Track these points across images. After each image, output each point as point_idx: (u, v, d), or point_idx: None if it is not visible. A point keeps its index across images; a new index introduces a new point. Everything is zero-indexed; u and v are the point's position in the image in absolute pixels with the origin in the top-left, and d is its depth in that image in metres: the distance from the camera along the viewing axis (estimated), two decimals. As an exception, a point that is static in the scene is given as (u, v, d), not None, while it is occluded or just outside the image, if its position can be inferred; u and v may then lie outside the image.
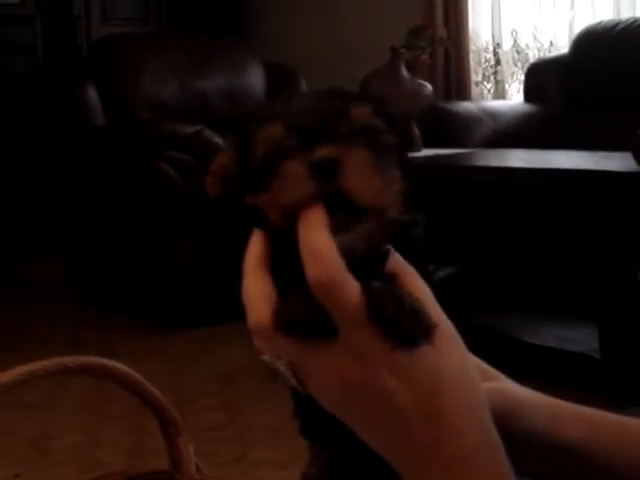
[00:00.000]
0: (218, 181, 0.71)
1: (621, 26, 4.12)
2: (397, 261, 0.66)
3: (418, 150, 3.38)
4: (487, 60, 4.83)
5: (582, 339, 3.02)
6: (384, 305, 0.61)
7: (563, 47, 4.53)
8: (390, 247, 0.66)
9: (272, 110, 0.67)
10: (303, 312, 0.62)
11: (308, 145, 0.62)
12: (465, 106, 4.20)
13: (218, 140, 3.89)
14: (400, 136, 0.69)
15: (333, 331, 0.62)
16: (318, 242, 0.61)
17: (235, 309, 3.39)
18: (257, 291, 0.65)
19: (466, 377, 0.64)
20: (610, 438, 0.76)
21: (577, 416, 0.77)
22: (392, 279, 0.64)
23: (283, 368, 0.65)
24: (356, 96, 0.68)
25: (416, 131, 3.38)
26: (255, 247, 0.67)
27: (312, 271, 0.61)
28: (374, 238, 0.64)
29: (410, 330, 0.61)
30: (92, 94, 4.36)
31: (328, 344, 0.62)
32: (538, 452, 0.74)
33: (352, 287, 0.61)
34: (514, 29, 4.74)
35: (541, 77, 4.39)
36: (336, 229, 0.62)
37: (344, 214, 0.62)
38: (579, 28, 4.38)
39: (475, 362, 0.72)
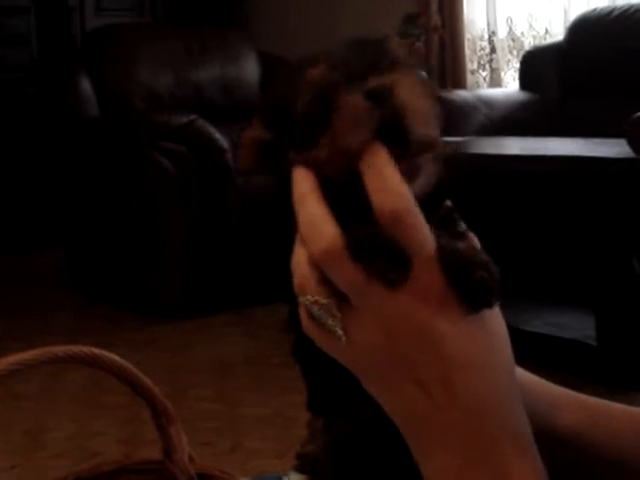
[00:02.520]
0: (252, 153, 0.67)
1: (616, 13, 4.11)
2: (463, 227, 0.66)
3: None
4: (482, 48, 4.82)
5: (578, 326, 3.02)
6: (469, 265, 0.61)
7: (558, 34, 4.52)
8: (454, 210, 0.66)
9: (307, 59, 0.65)
10: (379, 240, 0.60)
11: (355, 77, 0.61)
12: (461, 94, 4.20)
13: (212, 130, 3.89)
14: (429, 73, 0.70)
15: (404, 270, 0.60)
16: (389, 175, 0.60)
17: (230, 300, 3.40)
18: (322, 214, 0.62)
19: (508, 351, 0.64)
20: (613, 426, 0.76)
21: (574, 403, 0.76)
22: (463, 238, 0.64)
23: (324, 310, 0.63)
24: (388, 37, 0.67)
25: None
26: (304, 180, 0.63)
27: (386, 203, 0.60)
28: (432, 178, 0.64)
29: (490, 293, 0.61)
30: (86, 85, 4.35)
31: (395, 279, 0.60)
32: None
33: (422, 223, 0.61)
34: (509, 17, 4.74)
35: (536, 65, 4.39)
36: (403, 171, 0.61)
37: (405, 159, 0.61)
38: (574, 15, 4.37)
39: None
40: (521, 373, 0.76)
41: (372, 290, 0.61)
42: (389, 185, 0.60)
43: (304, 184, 0.63)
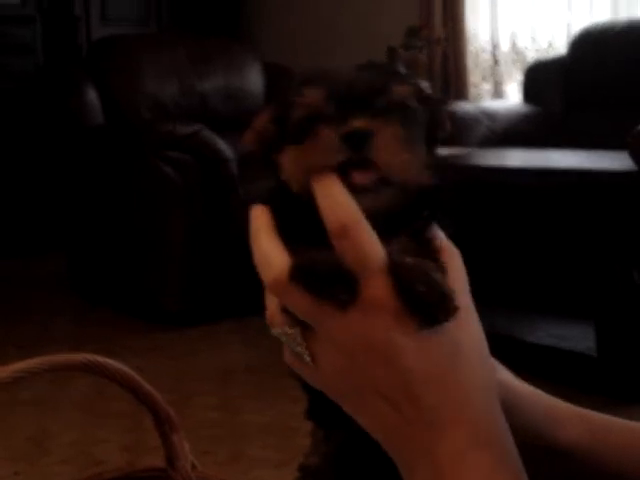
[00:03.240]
0: (257, 138, 0.72)
1: (618, 27, 4.12)
2: (441, 239, 0.67)
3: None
4: (485, 61, 4.83)
5: (579, 337, 3.03)
6: (411, 280, 0.62)
7: (561, 48, 4.53)
8: (432, 222, 0.68)
9: (314, 75, 0.69)
10: (322, 264, 0.62)
11: (344, 114, 0.64)
12: (463, 106, 4.21)
13: (217, 140, 3.90)
14: (433, 117, 0.71)
15: (351, 289, 0.62)
16: (336, 192, 0.63)
17: (233, 307, 3.40)
18: (272, 248, 0.65)
19: (482, 359, 0.65)
20: (612, 440, 0.76)
21: (574, 417, 0.77)
22: (435, 256, 0.65)
23: (294, 338, 0.65)
24: (398, 74, 0.70)
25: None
26: (261, 215, 0.67)
27: (331, 216, 0.62)
28: (392, 201, 0.65)
29: (432, 308, 0.62)
30: (91, 94, 4.37)
31: (345, 299, 0.62)
32: (530, 452, 0.73)
33: (372, 236, 0.62)
34: (512, 30, 4.75)
35: (539, 78, 4.40)
36: (356, 190, 0.63)
37: (365, 176, 0.64)
38: (577, 29, 4.38)
39: None
40: (521, 386, 0.76)
41: (324, 313, 0.63)
42: (335, 200, 0.62)
43: (258, 221, 0.67)
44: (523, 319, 3.31)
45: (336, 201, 0.62)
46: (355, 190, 0.63)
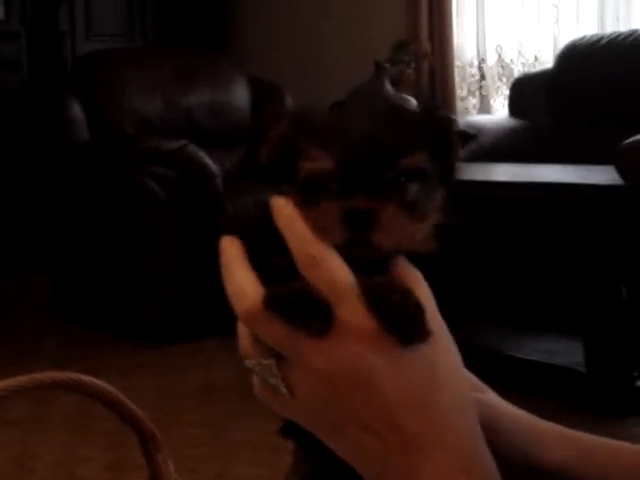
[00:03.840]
0: (271, 150, 0.69)
1: (604, 41, 4.13)
2: (403, 266, 0.65)
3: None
4: (472, 75, 4.84)
5: (568, 353, 3.03)
6: (384, 298, 0.61)
7: (548, 62, 4.54)
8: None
9: (327, 127, 0.66)
10: (296, 292, 0.62)
11: (350, 187, 0.62)
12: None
13: (202, 155, 3.89)
14: (447, 176, 0.70)
15: (326, 316, 0.62)
16: (299, 227, 0.63)
17: (219, 325, 3.37)
18: (244, 278, 0.65)
19: (459, 381, 0.64)
20: (597, 461, 0.76)
21: (560, 438, 0.76)
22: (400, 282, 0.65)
23: (269, 370, 0.64)
24: (416, 122, 0.68)
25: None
26: (231, 246, 0.67)
27: (298, 250, 0.62)
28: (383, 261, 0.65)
29: (408, 324, 0.61)
30: (76, 109, 4.36)
31: (319, 328, 0.61)
32: (514, 472, 0.73)
33: (340, 263, 0.62)
34: (499, 44, 4.76)
35: (526, 92, 4.41)
36: (353, 263, 0.63)
37: (364, 256, 0.63)
38: (564, 43, 4.39)
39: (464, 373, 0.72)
40: (506, 407, 0.76)
41: (300, 342, 0.62)
42: (301, 233, 0.62)
43: (228, 251, 0.68)
44: (511, 334, 3.30)
45: (301, 235, 0.62)
46: (352, 263, 0.63)
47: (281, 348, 0.63)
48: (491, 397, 0.76)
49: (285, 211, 0.64)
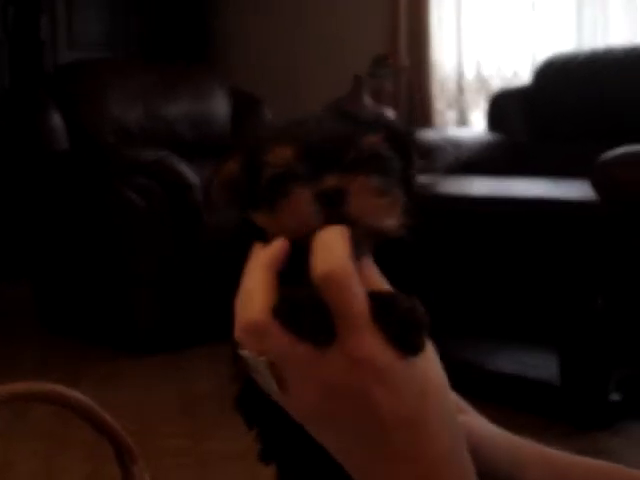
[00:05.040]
0: (225, 188, 0.72)
1: (581, 57, 4.17)
2: (369, 267, 0.67)
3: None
4: (450, 89, 4.87)
5: (542, 365, 3.03)
6: (391, 312, 0.63)
7: (526, 77, 4.58)
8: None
9: (282, 130, 0.69)
10: (305, 308, 0.63)
11: (316, 171, 0.65)
12: (428, 134, 4.23)
13: (182, 166, 3.90)
14: (406, 157, 0.72)
15: (329, 334, 0.63)
16: (335, 240, 0.63)
17: (200, 335, 3.37)
18: (261, 288, 0.65)
19: (445, 386, 0.66)
20: None
21: (538, 458, 0.78)
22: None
23: (262, 366, 0.65)
24: (367, 123, 0.71)
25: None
26: (274, 250, 0.67)
27: (324, 264, 0.62)
28: (360, 244, 0.66)
29: (413, 338, 0.63)
30: (57, 119, 4.35)
31: (323, 344, 0.62)
32: None
33: (359, 288, 0.63)
34: (477, 59, 4.79)
35: (504, 106, 4.44)
36: None
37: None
38: (541, 59, 4.43)
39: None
40: (486, 428, 0.78)
41: (299, 354, 0.63)
42: (333, 249, 0.63)
43: (257, 259, 0.67)
44: (485, 347, 3.31)
45: (332, 246, 0.63)
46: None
47: (277, 359, 0.64)
48: (471, 419, 0.78)
49: (328, 229, 0.64)
